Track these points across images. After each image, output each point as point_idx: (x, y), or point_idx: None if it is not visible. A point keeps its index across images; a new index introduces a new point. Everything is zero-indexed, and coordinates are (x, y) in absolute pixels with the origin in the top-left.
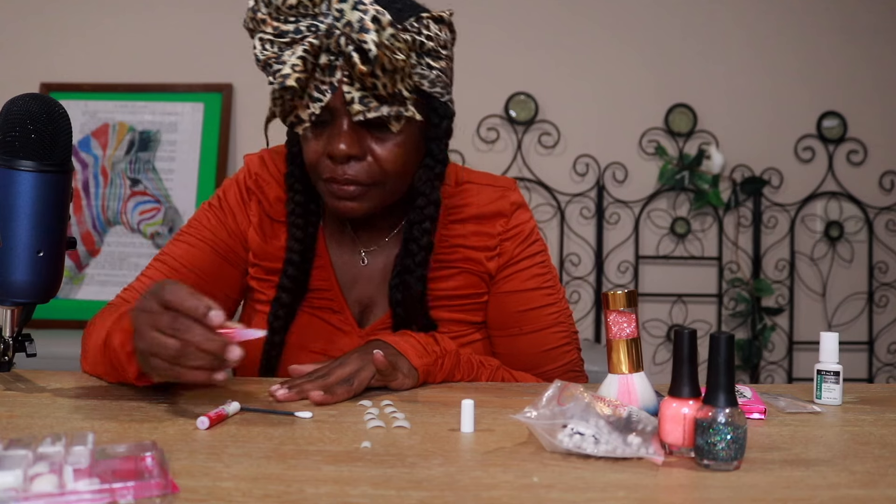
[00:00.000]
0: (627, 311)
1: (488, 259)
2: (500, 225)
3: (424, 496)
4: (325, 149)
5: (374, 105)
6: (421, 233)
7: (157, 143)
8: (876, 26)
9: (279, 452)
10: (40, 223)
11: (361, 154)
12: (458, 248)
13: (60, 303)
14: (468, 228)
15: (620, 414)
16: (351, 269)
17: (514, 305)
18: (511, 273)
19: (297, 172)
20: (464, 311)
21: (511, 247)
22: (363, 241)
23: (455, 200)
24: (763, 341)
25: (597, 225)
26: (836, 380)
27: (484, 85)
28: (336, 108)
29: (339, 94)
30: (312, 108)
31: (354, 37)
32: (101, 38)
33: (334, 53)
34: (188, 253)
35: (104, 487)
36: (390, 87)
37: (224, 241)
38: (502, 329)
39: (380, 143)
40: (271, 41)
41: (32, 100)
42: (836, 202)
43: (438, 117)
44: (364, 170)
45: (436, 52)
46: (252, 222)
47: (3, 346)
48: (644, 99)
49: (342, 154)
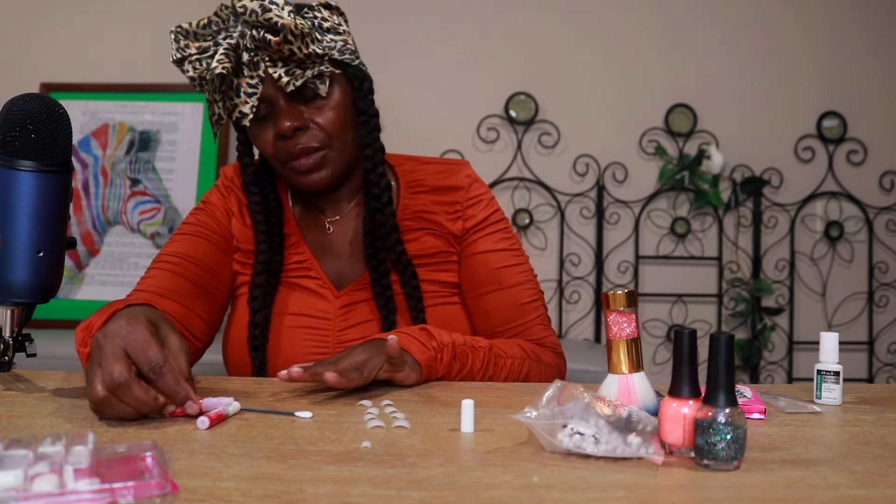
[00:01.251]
0: (627, 311)
1: (450, 221)
2: (458, 195)
3: (424, 496)
4: (274, 134)
5: (299, 73)
6: (377, 177)
7: (157, 143)
8: (876, 26)
9: (279, 452)
10: (40, 223)
11: (304, 124)
12: (421, 214)
13: (60, 303)
14: (427, 198)
15: (620, 414)
16: (321, 241)
17: (488, 264)
18: (482, 235)
19: (251, 178)
20: (435, 271)
21: (477, 212)
22: (326, 213)
23: (413, 176)
24: (763, 341)
25: (597, 225)
26: (836, 380)
27: (484, 85)
28: (271, 95)
29: (269, 84)
30: (251, 102)
31: (261, 19)
32: (101, 38)
33: (252, 49)
34: (185, 247)
35: (104, 487)
36: (305, 49)
37: (215, 231)
38: (480, 287)
39: (317, 111)
40: (198, 59)
41: (32, 100)
42: (836, 202)
43: (358, 80)
44: (311, 137)
45: (334, 29)
46: (234, 212)
47: (3, 346)
48: (644, 99)
49: (289, 129)
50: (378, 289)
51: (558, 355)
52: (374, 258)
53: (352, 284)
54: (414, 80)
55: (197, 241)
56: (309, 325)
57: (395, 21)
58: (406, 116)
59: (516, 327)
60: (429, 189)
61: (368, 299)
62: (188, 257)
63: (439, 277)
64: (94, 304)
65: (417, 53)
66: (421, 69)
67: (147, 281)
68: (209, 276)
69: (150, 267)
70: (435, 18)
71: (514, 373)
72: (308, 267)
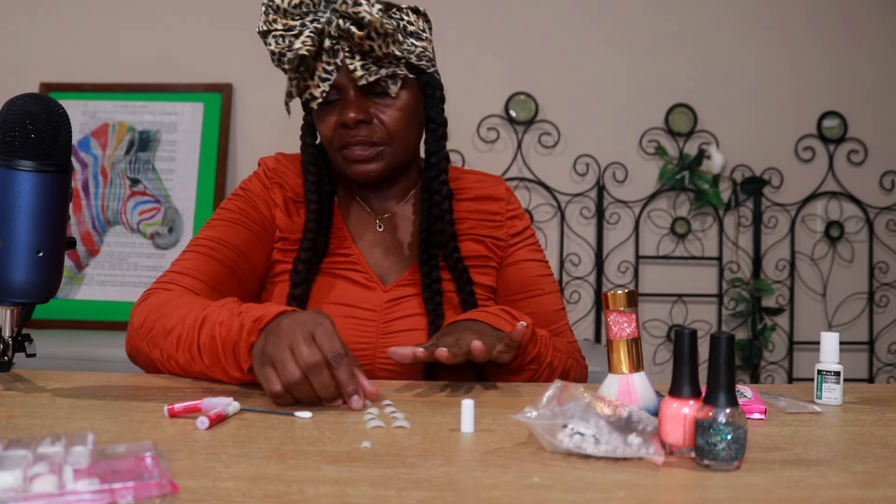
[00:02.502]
0: (627, 311)
1: (493, 228)
2: (499, 206)
3: (424, 496)
4: (337, 121)
5: (374, 69)
6: (440, 185)
7: (156, 143)
8: (876, 26)
9: (279, 453)
10: (40, 223)
11: (368, 119)
12: (465, 220)
13: (60, 303)
14: (471, 206)
15: (621, 414)
16: (369, 237)
17: (532, 270)
18: (524, 244)
19: (311, 158)
20: (476, 274)
21: (518, 223)
22: (376, 210)
23: (457, 184)
24: (763, 341)
25: (597, 225)
26: (837, 380)
27: (484, 85)
28: (343, 84)
29: (343, 73)
30: (323, 87)
31: (350, 11)
32: (101, 38)
33: (335, 38)
34: (222, 232)
35: (104, 487)
36: (385, 48)
37: (254, 219)
38: (525, 291)
39: (383, 108)
40: (283, 36)
41: (32, 100)
42: (837, 202)
43: (431, 88)
44: (372, 131)
45: (417, 34)
46: (278, 204)
47: (3, 346)
48: (644, 99)
49: (352, 120)
50: (429, 289)
51: (583, 358)
52: (428, 261)
53: (399, 279)
54: None
55: (233, 227)
56: (353, 314)
57: None
58: None
59: (554, 330)
60: (472, 197)
61: (416, 295)
62: (224, 242)
63: (479, 280)
64: (94, 304)
65: None
66: None
67: (181, 263)
68: (241, 260)
69: (185, 250)
70: (435, 18)
71: (562, 364)
72: (354, 261)
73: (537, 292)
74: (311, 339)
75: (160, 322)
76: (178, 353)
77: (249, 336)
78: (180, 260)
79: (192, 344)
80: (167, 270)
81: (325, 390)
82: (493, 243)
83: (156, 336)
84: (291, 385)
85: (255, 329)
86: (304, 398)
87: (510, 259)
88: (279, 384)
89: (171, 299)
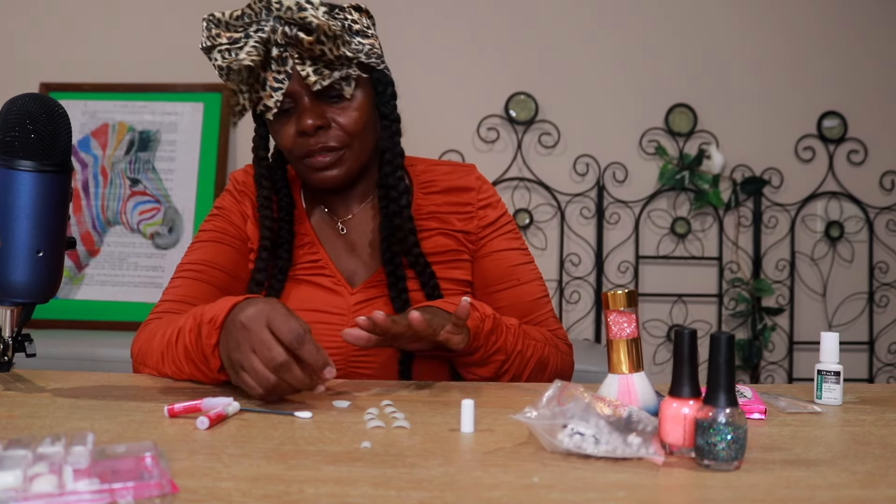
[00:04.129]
0: (627, 311)
1: (462, 220)
2: (470, 196)
3: (424, 496)
4: (296, 130)
5: (327, 73)
6: (396, 180)
7: (156, 143)
8: (876, 26)
9: (279, 453)
10: (40, 223)
11: (326, 124)
12: (434, 214)
13: (60, 303)
14: (440, 199)
15: (620, 414)
16: (333, 240)
17: (504, 262)
18: (496, 235)
19: (264, 172)
20: (447, 269)
21: (489, 212)
22: (339, 213)
23: (426, 177)
24: (763, 341)
25: (597, 225)
26: (837, 380)
27: (484, 85)
28: (296, 92)
29: (295, 80)
30: (276, 97)
31: (296, 17)
32: (101, 38)
33: (282, 45)
34: (206, 255)
35: (104, 488)
36: (336, 51)
37: (233, 235)
38: (495, 285)
39: (339, 111)
40: (228, 49)
41: (32, 100)
42: (837, 202)
43: (382, 84)
44: (331, 136)
45: (363, 32)
46: (249, 216)
47: (3, 346)
48: (644, 99)
49: (311, 127)
50: (394, 288)
51: (569, 346)
52: (391, 260)
53: (366, 281)
54: (414, 79)
55: (216, 246)
56: (322, 320)
57: (395, 21)
58: (406, 116)
59: (531, 321)
60: (441, 189)
61: (383, 296)
62: (210, 263)
63: (452, 275)
64: (94, 305)
65: (417, 53)
66: (421, 69)
67: (172, 291)
68: (229, 279)
69: (173, 277)
70: (435, 18)
71: (537, 353)
72: (322, 266)
73: (513, 283)
74: (269, 332)
75: (150, 345)
76: (166, 369)
77: (209, 339)
78: (171, 288)
79: (174, 358)
80: (160, 300)
81: (300, 384)
82: (465, 237)
83: (147, 359)
84: (269, 388)
85: (213, 330)
86: (287, 393)
87: (483, 250)
88: (259, 389)
89: (162, 325)
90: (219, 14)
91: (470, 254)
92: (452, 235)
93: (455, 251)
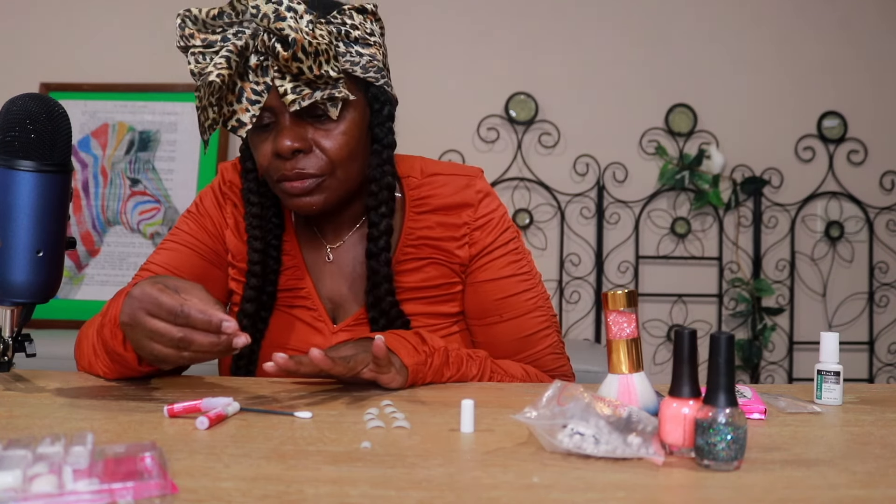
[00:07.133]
0: (627, 311)
1: (457, 248)
2: (466, 215)
3: (424, 496)
4: (272, 149)
5: (307, 93)
6: (379, 217)
7: (156, 143)
8: (876, 26)
9: (279, 452)
10: (40, 223)
11: (306, 147)
12: (426, 240)
13: (60, 303)
14: (434, 219)
15: (620, 414)
16: (321, 267)
17: (492, 294)
18: (486, 262)
19: (252, 186)
20: (436, 303)
21: (483, 236)
22: (328, 238)
23: (421, 192)
24: (763, 341)
25: (597, 225)
26: (837, 380)
27: (484, 85)
28: (276, 107)
29: (275, 94)
30: (252, 111)
31: (273, 27)
32: (101, 38)
33: (262, 53)
34: (171, 258)
35: (103, 488)
36: (316, 70)
37: (205, 243)
38: (482, 318)
39: (324, 134)
40: (202, 53)
41: (32, 100)
42: (837, 202)
43: (379, 103)
44: (312, 162)
45: (363, 40)
46: (229, 224)
47: (3, 346)
48: (644, 99)
49: (288, 149)
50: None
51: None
52: (374, 305)
53: (348, 320)
54: (414, 79)
55: (186, 252)
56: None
57: (395, 21)
58: (406, 116)
59: (525, 358)
60: (435, 208)
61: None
62: (174, 269)
63: (440, 309)
64: (94, 304)
65: (417, 53)
66: (421, 69)
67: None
68: None
69: (136, 275)
70: (435, 18)
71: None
72: (305, 295)
73: (499, 318)
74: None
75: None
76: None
77: (114, 339)
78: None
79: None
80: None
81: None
82: (459, 267)
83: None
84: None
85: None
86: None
87: (471, 278)
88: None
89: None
90: (196, 10)
91: (463, 284)
92: (444, 265)
93: (446, 284)
